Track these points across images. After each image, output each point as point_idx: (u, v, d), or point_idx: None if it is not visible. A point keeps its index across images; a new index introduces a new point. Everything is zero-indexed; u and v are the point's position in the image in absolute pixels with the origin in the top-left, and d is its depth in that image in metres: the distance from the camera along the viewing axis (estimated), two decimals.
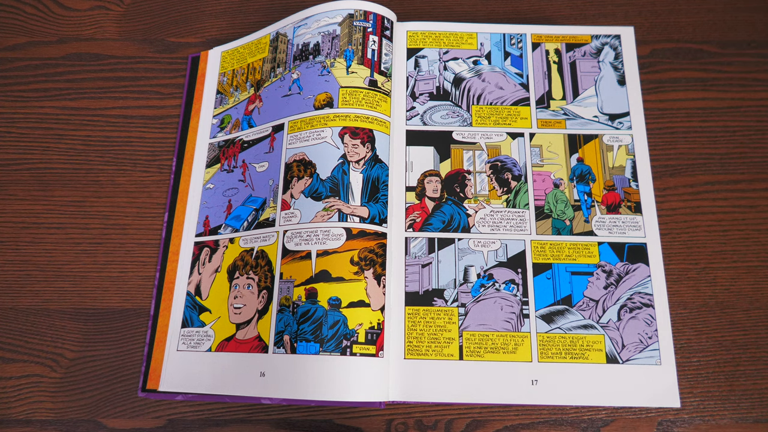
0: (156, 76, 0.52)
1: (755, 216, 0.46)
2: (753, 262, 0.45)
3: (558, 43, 0.50)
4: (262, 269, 0.43)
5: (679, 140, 0.48)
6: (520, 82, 0.49)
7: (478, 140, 0.47)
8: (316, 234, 0.42)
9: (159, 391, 0.42)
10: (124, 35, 0.54)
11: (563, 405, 0.41)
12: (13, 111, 0.51)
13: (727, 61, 0.51)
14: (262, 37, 0.51)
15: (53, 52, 0.53)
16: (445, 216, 0.45)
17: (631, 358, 0.41)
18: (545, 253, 0.44)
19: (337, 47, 0.47)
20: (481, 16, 0.54)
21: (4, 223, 0.47)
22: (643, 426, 0.41)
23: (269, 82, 0.49)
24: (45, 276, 0.46)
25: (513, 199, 0.45)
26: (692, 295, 0.44)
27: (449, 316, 0.42)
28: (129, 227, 0.47)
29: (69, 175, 0.49)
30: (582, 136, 0.47)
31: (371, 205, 0.43)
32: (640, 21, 0.53)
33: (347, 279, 0.41)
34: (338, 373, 0.38)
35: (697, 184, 0.47)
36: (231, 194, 0.47)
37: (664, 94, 0.50)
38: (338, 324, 0.39)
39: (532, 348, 0.41)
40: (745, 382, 0.42)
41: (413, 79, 0.49)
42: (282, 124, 0.47)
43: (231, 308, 0.43)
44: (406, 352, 0.41)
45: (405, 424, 0.41)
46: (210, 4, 0.55)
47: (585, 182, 0.46)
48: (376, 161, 0.44)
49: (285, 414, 0.42)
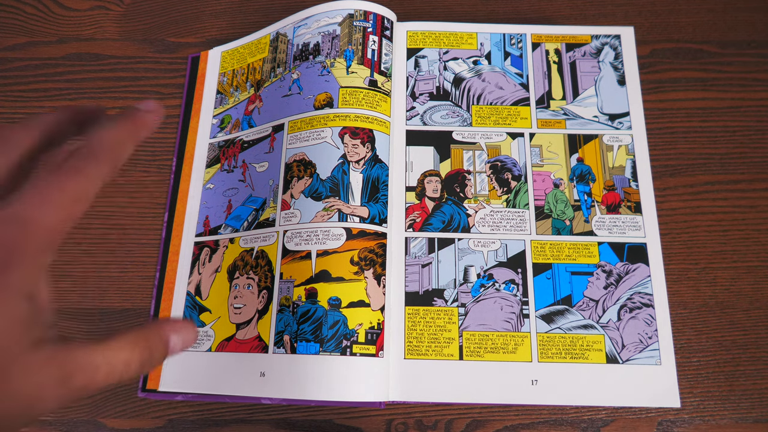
0: (156, 76, 0.52)
1: (755, 216, 0.46)
2: (753, 262, 0.45)
3: (558, 43, 0.50)
4: (262, 269, 0.43)
5: (679, 140, 0.48)
6: (520, 82, 0.49)
7: (478, 140, 0.47)
8: (316, 234, 0.42)
9: (159, 391, 0.42)
10: (124, 35, 0.54)
11: (563, 405, 0.41)
12: (13, 111, 0.51)
13: (727, 61, 0.51)
14: (262, 37, 0.51)
15: (53, 52, 0.53)
16: (445, 216, 0.45)
17: (631, 358, 0.41)
18: (545, 253, 0.44)
19: (337, 47, 0.47)
20: (481, 16, 0.54)
21: None
22: (643, 426, 0.41)
23: (269, 82, 0.49)
24: None
25: (513, 199, 0.45)
26: (692, 295, 0.44)
27: (449, 316, 0.42)
28: (129, 227, 0.47)
29: None
30: (582, 136, 0.47)
31: (371, 205, 0.43)
32: (640, 21, 0.53)
33: (347, 279, 0.41)
34: (338, 373, 0.38)
35: (697, 184, 0.47)
36: (231, 194, 0.47)
37: (664, 94, 0.50)
38: (338, 324, 0.39)
39: (532, 348, 0.41)
40: (745, 382, 0.42)
41: (413, 79, 0.49)
42: (282, 124, 0.47)
43: (231, 308, 0.43)
44: (406, 352, 0.41)
45: (405, 424, 0.41)
46: (210, 4, 0.55)
47: (585, 182, 0.46)
48: (376, 161, 0.44)
49: (285, 414, 0.42)
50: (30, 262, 0.19)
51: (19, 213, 0.19)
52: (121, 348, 0.21)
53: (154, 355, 0.22)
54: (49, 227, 0.20)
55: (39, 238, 0.20)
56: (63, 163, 0.21)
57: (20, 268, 0.19)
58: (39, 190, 0.20)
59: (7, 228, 0.19)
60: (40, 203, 0.20)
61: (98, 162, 0.21)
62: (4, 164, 0.22)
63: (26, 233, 0.19)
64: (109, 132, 0.23)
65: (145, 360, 0.22)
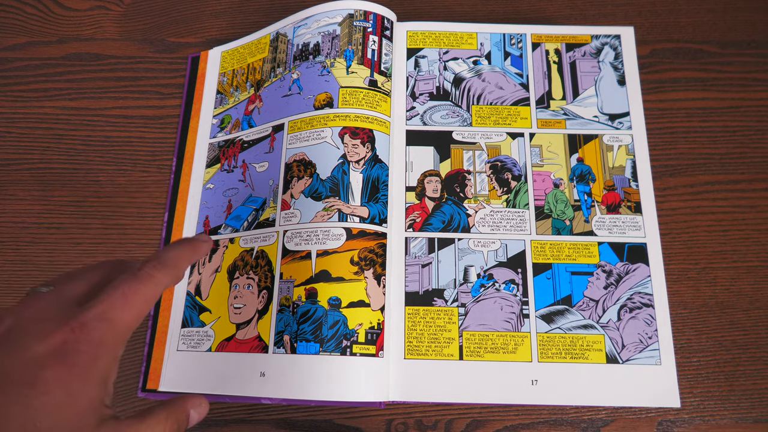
0: (156, 76, 0.52)
1: (755, 216, 0.46)
2: (753, 262, 0.45)
3: (558, 43, 0.50)
4: (262, 269, 0.43)
5: (679, 140, 0.48)
6: (520, 82, 0.49)
7: (478, 140, 0.47)
8: (316, 234, 0.42)
9: (159, 391, 0.42)
10: (124, 35, 0.54)
11: (563, 405, 0.41)
12: (13, 111, 0.51)
13: (727, 61, 0.51)
14: (262, 37, 0.51)
15: (53, 52, 0.53)
16: (445, 216, 0.45)
17: (631, 358, 0.41)
18: (545, 253, 0.44)
19: (337, 47, 0.47)
20: (481, 16, 0.54)
21: (4, 223, 0.47)
22: (643, 426, 0.41)
23: (269, 82, 0.49)
24: (45, 276, 0.46)
25: (513, 199, 0.45)
26: (692, 295, 0.44)
27: (449, 316, 0.42)
28: (129, 227, 0.47)
29: (69, 175, 0.49)
30: (582, 136, 0.47)
31: (371, 205, 0.43)
32: (640, 21, 0.53)
33: (347, 279, 0.41)
34: (338, 373, 0.38)
35: (697, 184, 0.47)
36: (231, 194, 0.47)
37: (664, 94, 0.50)
38: (338, 324, 0.39)
39: (532, 348, 0.41)
40: (745, 382, 0.42)
41: (413, 79, 0.49)
42: (282, 124, 0.47)
43: (231, 308, 0.43)
44: (406, 352, 0.41)
45: (405, 424, 0.41)
46: (210, 4, 0.55)
47: (585, 182, 0.46)
48: (376, 161, 0.44)
49: (285, 414, 0.42)
50: (110, 354, 0.24)
51: (108, 312, 0.24)
52: (157, 423, 0.25)
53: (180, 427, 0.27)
54: (127, 325, 0.25)
55: (119, 334, 0.24)
56: (138, 272, 0.26)
57: (103, 360, 0.23)
58: (121, 292, 0.25)
59: (97, 325, 0.23)
60: (122, 305, 0.24)
61: (166, 271, 0.27)
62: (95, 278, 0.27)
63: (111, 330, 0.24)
64: (175, 250, 0.28)
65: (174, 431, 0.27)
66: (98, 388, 0.23)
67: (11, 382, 0.21)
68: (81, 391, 0.22)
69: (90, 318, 0.24)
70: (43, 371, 0.22)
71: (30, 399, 0.21)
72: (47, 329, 0.23)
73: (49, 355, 0.22)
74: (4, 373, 0.22)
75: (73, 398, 0.22)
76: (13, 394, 0.21)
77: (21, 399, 0.21)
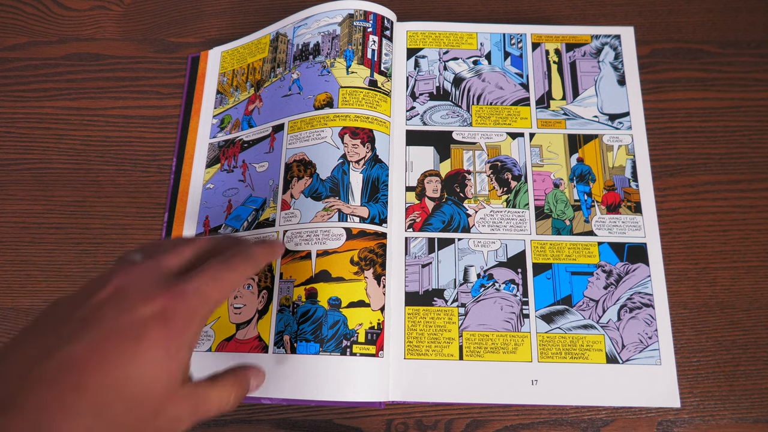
0: (156, 76, 0.52)
1: (755, 216, 0.46)
2: (753, 262, 0.45)
3: (558, 43, 0.50)
4: (262, 269, 0.43)
5: (679, 140, 0.48)
6: (520, 82, 0.49)
7: (478, 140, 0.47)
8: (316, 234, 0.42)
9: None
10: (124, 35, 0.54)
11: (563, 405, 0.41)
12: (13, 111, 0.51)
13: (727, 61, 0.51)
14: (262, 37, 0.51)
15: (53, 52, 0.53)
16: (445, 216, 0.45)
17: (631, 358, 0.41)
18: (545, 253, 0.44)
19: (337, 47, 0.47)
20: (481, 16, 0.54)
21: (4, 223, 0.47)
22: (643, 426, 0.41)
23: (269, 82, 0.49)
24: (45, 276, 0.46)
25: (513, 199, 0.45)
26: (692, 295, 0.44)
27: (449, 316, 0.42)
28: (129, 227, 0.47)
29: (69, 175, 0.49)
30: (582, 136, 0.47)
31: (371, 205, 0.43)
32: (640, 21, 0.53)
33: (347, 279, 0.41)
34: (338, 373, 0.38)
35: (697, 184, 0.47)
36: (231, 194, 0.47)
37: (664, 94, 0.50)
38: (338, 324, 0.39)
39: (532, 348, 0.41)
40: (745, 382, 0.42)
41: (413, 79, 0.49)
42: (282, 124, 0.47)
43: (231, 308, 0.43)
44: (406, 352, 0.41)
45: (405, 424, 0.41)
46: (210, 4, 0.55)
47: (585, 182, 0.46)
48: (376, 161, 0.44)
49: (285, 414, 0.42)
50: (199, 324, 0.27)
51: (202, 288, 0.27)
52: (225, 386, 0.29)
53: (243, 393, 0.30)
54: (214, 301, 0.27)
55: (207, 308, 0.27)
56: (227, 260, 0.29)
57: (193, 328, 0.26)
58: (214, 273, 0.28)
59: (192, 297, 0.26)
60: (214, 283, 0.27)
61: (248, 264, 0.30)
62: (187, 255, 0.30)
63: (203, 304, 0.27)
64: (257, 247, 0.32)
65: (239, 395, 0.30)
66: (187, 352, 0.26)
67: (122, 336, 0.24)
68: (175, 352, 0.25)
69: (187, 289, 0.26)
70: (147, 330, 0.24)
71: (136, 353, 0.24)
72: (151, 294, 0.25)
73: (151, 316, 0.25)
74: (116, 326, 0.24)
75: (169, 357, 0.25)
76: (123, 346, 0.24)
77: (129, 351, 0.24)
